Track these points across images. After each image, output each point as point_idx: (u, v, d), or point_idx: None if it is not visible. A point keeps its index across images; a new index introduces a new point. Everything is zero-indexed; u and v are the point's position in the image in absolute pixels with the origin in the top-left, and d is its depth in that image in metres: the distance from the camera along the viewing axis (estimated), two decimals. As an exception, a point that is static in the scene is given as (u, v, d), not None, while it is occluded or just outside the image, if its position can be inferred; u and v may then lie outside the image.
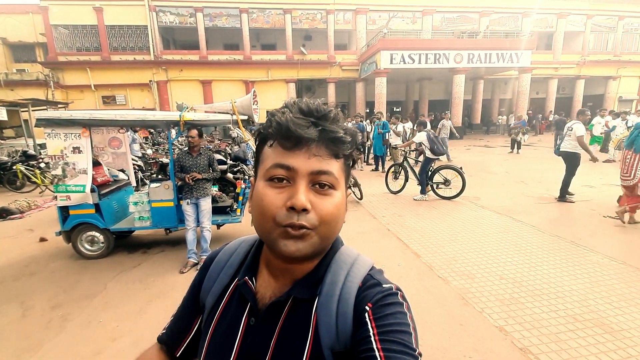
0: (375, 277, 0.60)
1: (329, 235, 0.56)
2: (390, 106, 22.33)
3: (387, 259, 4.00)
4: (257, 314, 0.59)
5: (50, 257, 4.39)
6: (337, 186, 0.55)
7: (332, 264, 0.61)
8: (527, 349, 2.42)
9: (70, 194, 3.93)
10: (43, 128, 3.88)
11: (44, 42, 18.99)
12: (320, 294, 0.58)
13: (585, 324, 2.70)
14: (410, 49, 17.13)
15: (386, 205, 6.37)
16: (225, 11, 19.77)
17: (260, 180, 0.56)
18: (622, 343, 2.48)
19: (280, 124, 0.53)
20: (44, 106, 14.15)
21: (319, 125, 0.54)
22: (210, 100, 19.43)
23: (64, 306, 3.22)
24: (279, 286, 0.60)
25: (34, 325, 2.93)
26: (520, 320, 2.76)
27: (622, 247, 4.21)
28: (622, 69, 23.55)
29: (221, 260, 0.70)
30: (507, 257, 3.97)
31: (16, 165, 8.46)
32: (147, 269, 3.95)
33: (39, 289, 3.56)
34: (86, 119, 3.85)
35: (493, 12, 21.78)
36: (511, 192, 7.13)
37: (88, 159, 3.95)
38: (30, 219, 6.21)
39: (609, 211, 5.54)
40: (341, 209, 0.57)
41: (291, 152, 0.53)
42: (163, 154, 8.89)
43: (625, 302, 3.02)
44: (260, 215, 0.54)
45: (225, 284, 0.66)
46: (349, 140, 0.55)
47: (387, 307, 0.54)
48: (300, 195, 0.51)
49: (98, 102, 19.19)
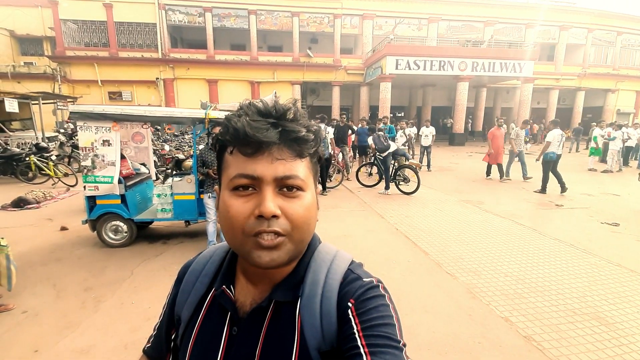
0: (356, 272, 0.59)
1: (303, 238, 0.55)
2: (394, 111, 22.61)
3: (398, 255, 4.21)
4: (239, 323, 0.58)
5: (73, 245, 4.58)
6: (305, 187, 0.54)
7: (311, 263, 0.59)
8: (531, 337, 2.65)
9: (98, 185, 4.14)
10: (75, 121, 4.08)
11: (52, 35, 19.18)
12: (302, 295, 0.57)
13: (583, 317, 2.93)
14: (415, 55, 17.44)
15: (393, 207, 6.60)
16: (233, 12, 20.05)
17: (224, 190, 0.54)
18: (615, 334, 2.72)
19: (237, 130, 0.50)
20: (54, 100, 14.36)
21: (279, 125, 0.51)
22: (215, 99, 19.66)
23: (94, 289, 3.42)
24: (259, 292, 0.59)
25: (69, 305, 3.13)
26: (524, 313, 2.99)
27: (618, 251, 4.45)
28: (620, 83, 24.02)
29: (195, 270, 0.67)
30: (510, 256, 4.21)
31: (29, 156, 8.64)
32: (169, 258, 4.15)
33: (68, 273, 3.76)
34: (117, 114, 4.07)
35: (497, 22, 22.18)
36: (513, 198, 7.37)
37: (117, 152, 4.16)
38: (46, 209, 6.39)
39: (607, 218, 5.80)
40: (312, 210, 0.55)
41: (253, 159, 0.51)
42: (175, 150, 9.11)
43: (620, 299, 3.26)
44: (229, 227, 0.52)
45: (201, 295, 0.63)
46: (312, 138, 0.54)
47: (370, 300, 0.54)
48: (267, 202, 0.50)
49: (104, 97, 19.37)
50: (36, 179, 8.66)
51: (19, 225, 5.38)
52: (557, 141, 7.57)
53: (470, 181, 9.18)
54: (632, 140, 12.63)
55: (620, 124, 12.48)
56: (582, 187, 8.38)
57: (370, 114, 20.93)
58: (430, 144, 10.78)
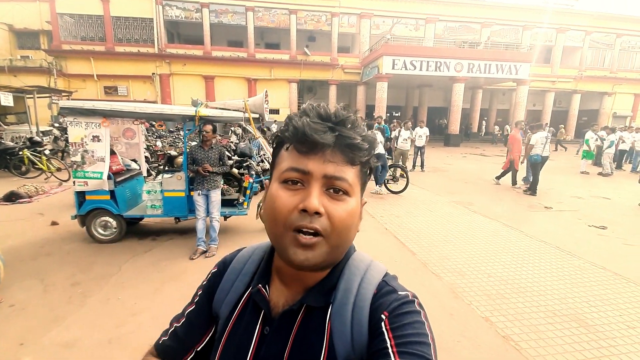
0: (391, 284, 0.59)
1: (340, 244, 0.55)
2: (390, 111, 22.68)
3: (385, 255, 4.26)
4: (272, 323, 0.58)
5: (63, 240, 4.59)
6: (351, 193, 0.54)
7: (345, 270, 0.60)
8: (509, 337, 2.70)
9: (88, 180, 4.15)
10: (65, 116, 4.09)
11: (48, 29, 19.06)
12: (334, 302, 0.57)
13: (563, 319, 2.98)
14: (412, 55, 17.49)
15: (384, 206, 6.64)
16: (231, 8, 20.00)
17: (274, 183, 0.56)
18: (594, 336, 2.77)
19: (296, 128, 0.53)
20: (49, 94, 14.28)
21: (336, 130, 0.53)
22: (212, 95, 19.64)
23: (82, 284, 3.44)
24: (292, 294, 0.60)
25: (56, 300, 3.15)
26: (505, 313, 3.04)
27: (603, 254, 4.52)
28: (617, 86, 24.15)
29: (235, 268, 0.68)
30: (495, 257, 4.26)
31: (23, 150, 8.60)
32: (158, 254, 4.17)
33: (56, 268, 3.77)
34: (107, 110, 4.07)
35: (495, 23, 22.26)
36: (503, 200, 7.44)
37: (106, 148, 4.17)
38: (38, 204, 6.38)
39: (596, 221, 5.87)
40: (355, 217, 0.56)
41: (306, 156, 0.53)
42: (168, 146, 9.10)
43: (602, 302, 3.32)
44: (272, 218, 0.54)
45: (240, 293, 0.64)
46: (366, 147, 0.55)
47: (404, 316, 0.53)
48: (313, 198, 0.51)
49: (100, 92, 19.29)
50: (29, 173, 8.63)
51: (11, 219, 5.38)
52: (540, 143, 7.71)
53: (463, 182, 9.24)
54: (625, 144, 12.74)
55: (614, 127, 12.59)
56: (572, 190, 8.47)
57: (367, 113, 20.99)
58: (424, 144, 10.84)
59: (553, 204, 7.05)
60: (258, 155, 6.85)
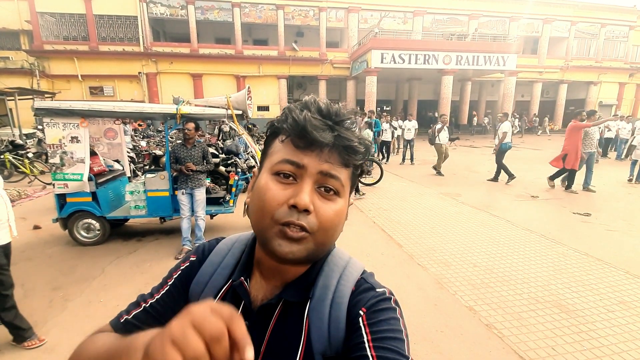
0: (369, 281, 0.59)
1: (326, 242, 0.55)
2: (380, 105, 22.67)
3: (372, 248, 4.26)
4: (251, 316, 0.58)
5: (45, 243, 4.51)
6: (341, 193, 0.55)
7: (324, 267, 0.60)
8: (492, 325, 2.73)
9: (67, 182, 4.07)
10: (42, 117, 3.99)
11: (29, 29, 18.56)
12: (312, 298, 0.57)
13: (545, 305, 3.02)
14: (400, 49, 17.47)
15: (372, 200, 6.65)
16: (217, 4, 19.72)
17: (265, 173, 0.55)
18: (575, 321, 2.82)
19: (297, 122, 0.52)
20: (31, 95, 13.93)
21: (335, 130, 0.53)
22: (200, 93, 19.41)
23: (63, 288, 3.38)
24: (270, 288, 0.59)
25: (36, 304, 3.09)
26: (488, 302, 3.07)
27: (587, 241, 4.58)
28: (603, 75, 24.48)
29: (213, 262, 0.66)
30: (481, 247, 4.30)
31: (4, 154, 8.42)
32: (143, 255, 4.12)
33: (37, 272, 3.71)
34: (85, 110, 3.99)
35: (482, 15, 22.33)
36: (491, 190, 7.50)
37: (86, 149, 4.08)
38: (21, 208, 6.25)
39: (580, 208, 5.95)
40: (341, 217, 0.56)
41: (302, 152, 0.52)
42: (154, 146, 8.98)
43: (583, 287, 3.37)
44: (259, 209, 0.53)
45: (219, 286, 0.63)
46: (362, 150, 0.55)
47: (381, 312, 0.54)
48: (304, 194, 0.51)
49: (85, 92, 18.92)
50: (12, 177, 8.45)
51: (-10, 224, 5.26)
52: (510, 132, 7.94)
53: (451, 174, 9.29)
54: (611, 132, 12.92)
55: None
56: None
57: (358, 107, 20.93)
58: (413, 137, 10.87)
59: (539, 193, 7.13)
60: (246, 152, 6.79)
